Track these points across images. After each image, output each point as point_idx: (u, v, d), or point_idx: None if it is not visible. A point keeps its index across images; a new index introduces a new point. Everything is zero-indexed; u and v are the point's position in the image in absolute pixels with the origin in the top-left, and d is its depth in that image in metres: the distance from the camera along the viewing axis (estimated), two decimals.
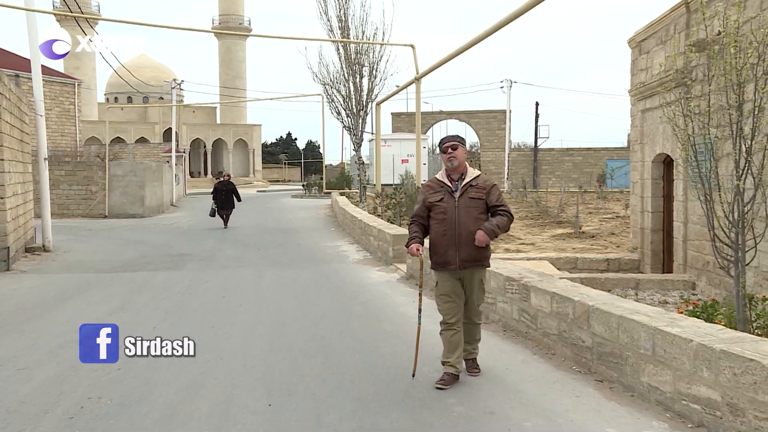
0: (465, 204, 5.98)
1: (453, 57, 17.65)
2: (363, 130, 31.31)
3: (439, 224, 6.02)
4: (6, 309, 9.98)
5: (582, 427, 4.93)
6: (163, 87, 66.84)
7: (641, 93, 14.36)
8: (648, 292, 11.82)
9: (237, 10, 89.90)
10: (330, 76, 30.52)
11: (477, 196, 6.00)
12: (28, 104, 18.67)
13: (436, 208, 6.06)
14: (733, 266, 7.39)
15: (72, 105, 46.60)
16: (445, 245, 5.99)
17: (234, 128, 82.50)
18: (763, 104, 7.26)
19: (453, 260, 5.97)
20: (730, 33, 7.36)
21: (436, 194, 6.10)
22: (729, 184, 7.51)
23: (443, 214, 6.00)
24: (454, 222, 5.95)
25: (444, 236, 5.99)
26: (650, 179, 14.27)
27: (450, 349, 6.03)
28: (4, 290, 11.70)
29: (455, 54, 17.34)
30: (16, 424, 5.15)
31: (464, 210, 5.96)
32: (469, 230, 5.91)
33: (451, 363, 5.97)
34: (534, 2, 12.07)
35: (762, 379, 4.42)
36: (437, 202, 6.05)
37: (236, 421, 5.14)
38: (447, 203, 6.01)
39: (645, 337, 5.52)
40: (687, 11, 12.08)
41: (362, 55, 29.94)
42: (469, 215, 5.96)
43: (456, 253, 5.95)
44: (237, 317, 9.18)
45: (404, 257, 13.30)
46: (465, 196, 6.00)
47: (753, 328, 7.38)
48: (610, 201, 32.09)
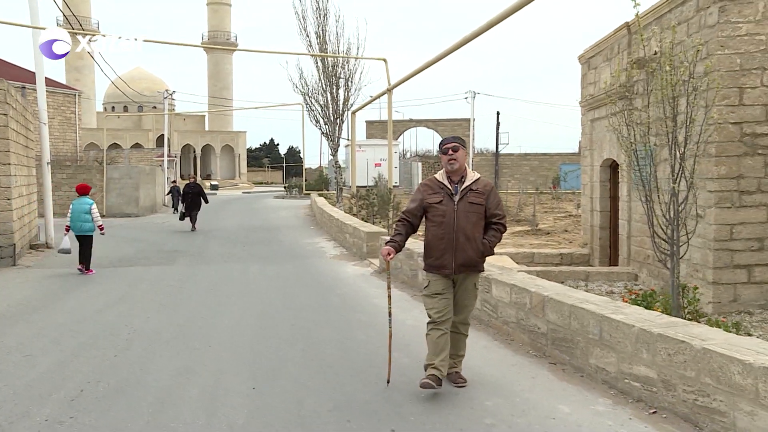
0: (464, 209, 5.42)
1: (422, 70, 17.73)
2: (339, 136, 31.25)
3: (437, 227, 5.46)
4: (14, 301, 9.90)
5: (537, 405, 4.99)
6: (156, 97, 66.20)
7: (590, 104, 14.49)
8: (596, 283, 11.93)
9: (225, 27, 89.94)
10: (309, 88, 30.50)
11: (477, 201, 5.46)
12: (32, 113, 18.71)
13: (434, 210, 5.48)
14: (669, 259, 7.51)
15: (73, 114, 46.39)
16: (442, 249, 5.43)
17: (221, 135, 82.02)
18: (693, 116, 7.41)
19: (449, 265, 5.41)
20: (666, 53, 7.52)
21: (435, 195, 5.50)
22: (666, 186, 7.63)
23: (442, 218, 5.43)
24: (453, 226, 5.39)
25: (441, 240, 5.42)
26: (598, 182, 14.38)
27: (435, 352, 5.38)
28: (12, 284, 11.61)
29: (424, 67, 17.42)
30: (24, 405, 5.16)
31: (463, 215, 5.41)
32: (467, 235, 5.39)
33: (435, 365, 5.31)
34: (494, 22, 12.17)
35: (690, 357, 4.55)
36: (436, 204, 5.47)
37: (224, 404, 5.14)
38: (446, 206, 5.44)
39: (593, 323, 5.61)
40: (628, 33, 12.22)
41: (339, 68, 29.92)
42: (468, 220, 5.41)
43: (452, 257, 5.40)
44: (225, 308, 9.15)
45: (377, 253, 13.31)
46: (465, 201, 5.44)
47: (685, 314, 7.52)
48: (564, 201, 32.34)
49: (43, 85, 17.21)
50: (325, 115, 30.44)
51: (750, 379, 4.08)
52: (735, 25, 9.25)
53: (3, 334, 7.67)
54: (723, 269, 9.36)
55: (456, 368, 5.64)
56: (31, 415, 4.95)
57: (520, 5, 10.86)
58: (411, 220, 5.58)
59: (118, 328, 7.92)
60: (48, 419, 4.84)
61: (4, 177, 13.82)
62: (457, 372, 5.61)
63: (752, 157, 9.34)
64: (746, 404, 4.11)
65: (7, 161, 13.85)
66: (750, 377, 4.08)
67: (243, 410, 4.99)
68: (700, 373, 4.46)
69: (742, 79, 9.30)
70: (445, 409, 4.94)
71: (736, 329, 6.53)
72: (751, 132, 9.33)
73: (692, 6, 9.86)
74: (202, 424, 4.72)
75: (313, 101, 30.58)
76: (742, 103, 9.34)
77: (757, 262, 9.39)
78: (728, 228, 9.37)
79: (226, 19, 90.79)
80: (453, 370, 5.60)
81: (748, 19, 9.22)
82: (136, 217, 29.19)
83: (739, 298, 9.36)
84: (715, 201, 9.35)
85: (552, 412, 4.86)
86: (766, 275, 9.38)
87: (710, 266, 9.37)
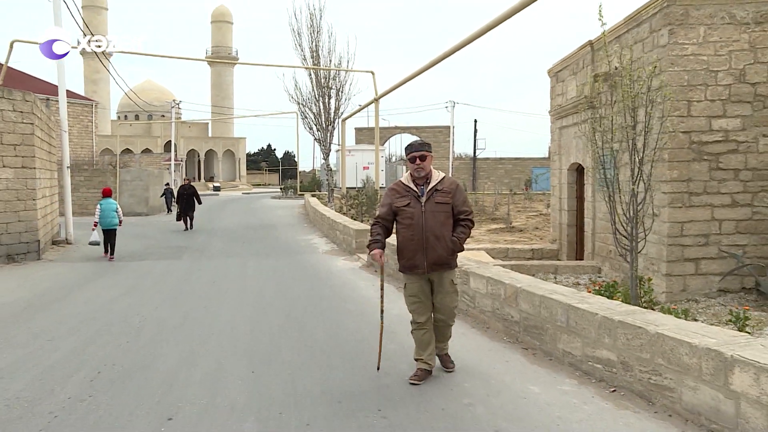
0: (431, 209, 5.19)
1: (406, 81, 17.73)
2: (331, 142, 31.17)
3: (407, 229, 5.24)
4: (39, 291, 9.95)
5: (510, 386, 5.02)
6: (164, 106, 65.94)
7: (559, 114, 14.55)
8: (564, 275, 11.98)
9: (227, 43, 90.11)
10: (303, 97, 30.40)
11: (443, 201, 5.22)
12: (55, 122, 18.97)
13: (403, 213, 5.26)
14: (629, 254, 7.57)
15: (90, 122, 46.65)
16: (413, 250, 5.22)
17: (223, 140, 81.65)
18: (650, 125, 7.47)
19: (421, 264, 5.20)
20: (625, 68, 7.58)
21: (403, 198, 5.27)
22: (626, 188, 7.68)
23: (410, 219, 5.21)
24: (421, 227, 5.17)
25: (412, 241, 5.21)
26: (566, 184, 14.43)
27: (422, 347, 5.33)
28: (37, 276, 11.66)
29: (408, 79, 17.42)
30: (49, 384, 5.22)
31: (431, 215, 5.18)
32: (435, 235, 5.16)
33: (423, 360, 5.28)
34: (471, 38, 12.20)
35: (646, 341, 4.62)
36: (404, 207, 5.25)
37: (225, 386, 5.14)
38: (414, 208, 5.22)
39: (561, 312, 5.65)
40: (592, 50, 12.29)
41: (330, 79, 29.86)
42: (436, 219, 5.19)
43: (424, 257, 5.18)
44: (225, 299, 9.13)
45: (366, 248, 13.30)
46: (431, 201, 5.20)
47: (642, 303, 7.59)
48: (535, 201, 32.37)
49: (65, 97, 17.43)
50: (317, 122, 30.36)
51: (695, 358, 4.18)
52: (682, 46, 9.39)
53: (30, 320, 7.76)
54: (675, 262, 9.45)
55: (445, 350, 5.57)
56: (55, 393, 5.00)
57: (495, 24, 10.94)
58: (384, 224, 5.37)
59: (129, 316, 7.91)
60: (71, 397, 4.89)
61: (30, 180, 14.03)
62: (446, 354, 5.56)
63: (699, 162, 9.48)
64: (691, 380, 4.22)
65: (33, 166, 14.06)
66: (695, 357, 4.19)
67: (243, 391, 4.99)
68: (654, 354, 4.53)
69: (689, 93, 9.43)
70: (428, 391, 4.96)
71: (684, 315, 6.60)
72: (698, 140, 9.47)
73: (646, 28, 9.96)
74: (206, 403, 4.72)
75: (306, 110, 30.50)
76: (690, 115, 9.47)
77: (704, 255, 9.51)
78: (679, 225, 9.47)
79: (228, 36, 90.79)
80: (442, 353, 5.54)
81: (692, 41, 9.39)
82: (145, 216, 29.01)
83: (687, 288, 9.47)
84: (668, 201, 9.44)
85: (523, 392, 4.89)
86: (710, 267, 9.50)
87: (664, 260, 9.46)
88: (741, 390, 3.85)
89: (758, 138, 9.48)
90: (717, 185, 9.50)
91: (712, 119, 9.47)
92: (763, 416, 3.70)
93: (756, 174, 9.51)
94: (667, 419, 4.30)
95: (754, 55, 9.43)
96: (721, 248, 9.47)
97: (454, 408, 4.56)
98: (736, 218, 9.55)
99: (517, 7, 9.93)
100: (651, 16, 9.82)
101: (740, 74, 9.45)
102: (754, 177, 9.51)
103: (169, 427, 4.29)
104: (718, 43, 9.42)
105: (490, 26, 11.13)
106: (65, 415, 4.51)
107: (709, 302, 9.08)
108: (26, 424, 4.36)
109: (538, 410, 4.52)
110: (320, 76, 29.69)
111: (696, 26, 9.39)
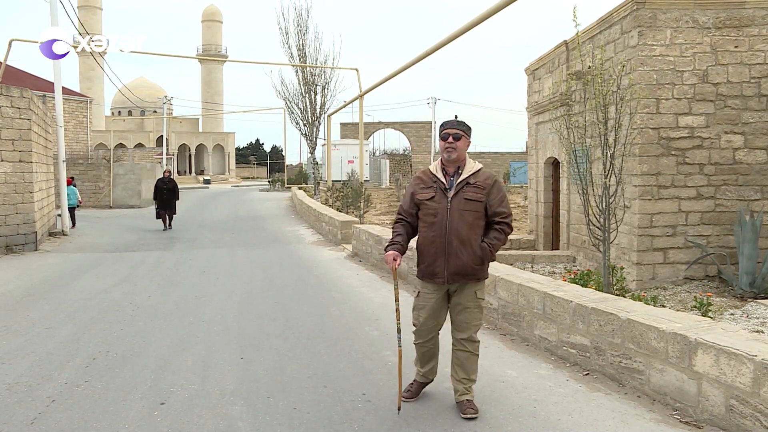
0: (459, 206, 4.06)
1: (389, 78, 17.70)
2: (317, 136, 31.01)
3: (428, 228, 4.13)
4: (36, 281, 9.83)
5: (489, 370, 5.02)
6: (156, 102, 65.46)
7: (535, 110, 14.58)
8: (541, 265, 12.02)
9: (217, 41, 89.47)
10: (290, 94, 30.23)
11: (474, 198, 4.07)
12: (51, 117, 18.84)
13: (425, 207, 4.14)
14: (602, 244, 7.61)
15: (85, 118, 46.31)
16: (433, 254, 4.11)
17: (213, 135, 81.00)
18: (621, 121, 7.50)
19: (441, 272, 4.09)
20: (598, 67, 7.60)
21: (427, 190, 4.17)
22: (599, 181, 7.71)
23: (433, 217, 4.10)
24: (445, 227, 4.05)
25: (432, 243, 4.10)
26: (543, 177, 14.47)
27: (423, 361, 4.41)
28: (34, 266, 11.55)
29: (391, 76, 17.39)
30: (47, 370, 5.19)
31: (457, 213, 4.05)
32: (461, 238, 4.04)
33: (422, 374, 4.44)
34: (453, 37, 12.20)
35: (617, 327, 4.67)
36: (427, 201, 4.13)
37: (216, 371, 5.11)
38: (438, 203, 4.09)
39: (538, 299, 5.67)
40: (567, 49, 12.32)
41: (316, 76, 29.71)
42: (463, 220, 4.05)
43: (445, 264, 4.07)
44: (215, 288, 9.08)
45: (350, 239, 13.28)
46: (460, 196, 4.07)
47: (614, 290, 7.65)
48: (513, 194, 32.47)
49: (60, 93, 17.28)
50: (304, 117, 30.19)
51: (662, 342, 4.25)
52: (651, 47, 9.47)
53: (28, 308, 7.69)
54: (644, 252, 9.54)
55: (467, 395, 4.18)
56: (53, 378, 4.97)
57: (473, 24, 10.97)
58: (408, 220, 4.26)
59: (123, 304, 7.84)
60: (67, 382, 4.86)
61: (28, 174, 13.96)
62: (468, 400, 4.15)
63: (667, 157, 9.57)
64: (658, 363, 4.28)
65: (30, 160, 13.99)
66: (662, 341, 4.25)
67: (232, 377, 4.96)
68: (625, 339, 4.58)
69: (658, 92, 9.51)
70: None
71: (653, 302, 6.64)
72: (666, 136, 9.55)
73: (618, 29, 10.03)
74: (197, 388, 4.69)
75: (293, 106, 30.31)
76: (659, 112, 9.55)
77: (671, 245, 9.61)
78: (649, 217, 9.55)
79: (218, 34, 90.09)
80: (463, 398, 4.16)
81: (660, 42, 9.48)
82: (138, 208, 28.74)
83: (656, 276, 9.56)
84: (638, 194, 9.52)
85: (501, 376, 4.91)
86: (677, 256, 9.61)
87: (635, 249, 9.54)
88: (703, 371, 3.93)
89: (720, 135, 9.60)
90: (684, 179, 9.60)
91: (678, 116, 9.56)
92: (721, 394, 3.80)
93: (718, 168, 9.63)
94: (636, 399, 4.35)
95: (715, 58, 9.55)
96: (687, 238, 9.57)
97: (434, 392, 4.56)
98: (701, 210, 9.66)
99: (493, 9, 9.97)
100: (622, 18, 9.88)
101: (704, 75, 9.56)
102: (717, 171, 9.63)
103: (161, 411, 4.26)
104: (683, 45, 9.52)
105: (469, 26, 11.18)
106: (62, 400, 4.47)
107: (676, 289, 9.18)
108: (26, 408, 4.33)
109: (515, 393, 4.54)
110: (307, 73, 29.52)
111: (663, 29, 9.48)
